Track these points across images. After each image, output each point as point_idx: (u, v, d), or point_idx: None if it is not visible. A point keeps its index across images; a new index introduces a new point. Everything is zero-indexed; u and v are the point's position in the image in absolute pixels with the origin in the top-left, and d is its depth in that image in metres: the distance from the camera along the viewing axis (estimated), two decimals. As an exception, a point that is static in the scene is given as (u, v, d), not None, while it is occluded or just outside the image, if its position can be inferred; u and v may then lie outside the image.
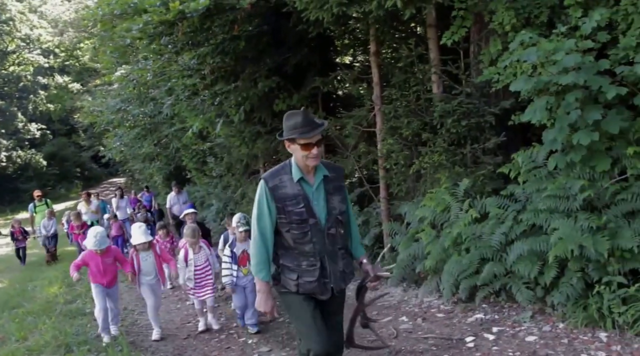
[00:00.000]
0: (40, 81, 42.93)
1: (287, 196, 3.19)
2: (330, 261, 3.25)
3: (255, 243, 3.26)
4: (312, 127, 3.11)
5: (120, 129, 20.34)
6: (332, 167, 3.39)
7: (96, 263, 6.05)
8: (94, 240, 5.95)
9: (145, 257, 6.18)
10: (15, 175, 38.73)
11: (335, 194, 3.30)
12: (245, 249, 5.78)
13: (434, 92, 7.09)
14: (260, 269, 3.26)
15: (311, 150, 3.11)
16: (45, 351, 5.86)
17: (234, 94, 9.20)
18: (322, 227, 3.23)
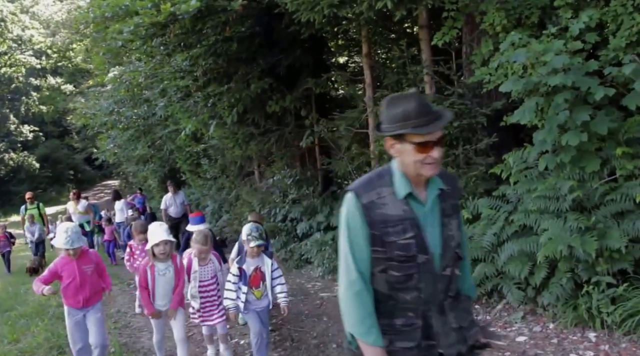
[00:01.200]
0: (32, 82, 42.79)
1: (389, 220, 2.13)
2: (439, 315, 2.22)
3: (352, 290, 2.16)
4: (433, 117, 2.09)
5: (114, 131, 20.30)
6: (447, 177, 2.30)
7: (71, 272, 4.62)
8: (64, 237, 4.51)
9: (163, 270, 4.73)
10: (7, 177, 38.55)
11: (452, 217, 2.26)
12: (259, 266, 4.70)
13: (426, 92, 7.11)
14: (367, 328, 2.13)
15: (430, 152, 2.09)
16: (37, 353, 5.85)
17: (227, 96, 9.20)
18: (435, 267, 2.18)
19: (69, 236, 4.53)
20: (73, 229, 4.62)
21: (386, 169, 2.24)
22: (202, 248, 4.93)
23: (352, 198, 2.17)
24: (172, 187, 12.61)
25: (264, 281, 4.71)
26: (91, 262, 4.77)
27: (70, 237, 4.53)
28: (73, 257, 4.61)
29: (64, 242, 4.53)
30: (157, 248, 4.61)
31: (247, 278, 4.66)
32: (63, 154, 44.17)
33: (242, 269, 4.66)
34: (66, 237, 4.52)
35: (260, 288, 4.73)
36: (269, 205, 10.51)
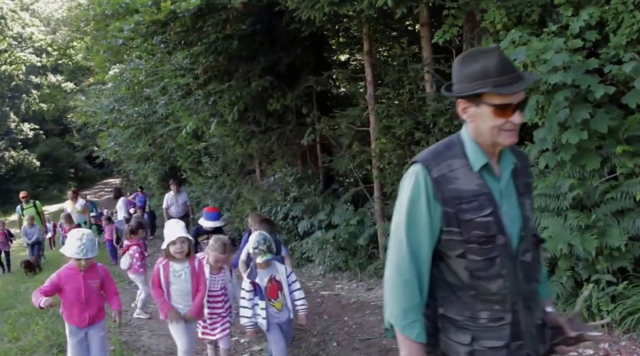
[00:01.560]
0: (32, 80, 42.75)
1: (463, 195, 1.86)
2: (525, 309, 1.91)
3: (399, 273, 1.87)
4: (515, 76, 1.82)
5: (115, 129, 20.31)
6: (517, 152, 2.05)
7: (76, 286, 4.10)
8: (77, 244, 4.00)
9: (179, 271, 4.32)
10: (7, 176, 38.54)
11: (526, 196, 1.99)
12: (273, 275, 4.23)
13: (426, 91, 7.12)
14: (409, 321, 1.86)
15: (510, 116, 1.81)
16: (37, 351, 5.86)
17: (228, 94, 9.20)
18: (513, 251, 1.89)
19: (83, 244, 3.98)
20: (88, 236, 4.07)
21: (455, 139, 1.95)
22: (220, 257, 4.55)
23: (420, 171, 1.87)
24: (174, 186, 12.37)
25: (281, 290, 4.23)
26: (98, 277, 4.24)
27: (85, 246, 3.98)
28: (83, 268, 4.08)
29: (77, 250, 3.97)
30: (173, 246, 4.22)
31: (263, 292, 4.16)
32: (64, 152, 44.18)
33: (255, 283, 4.15)
34: (80, 244, 3.98)
35: (279, 298, 4.23)
36: (270, 203, 10.52)
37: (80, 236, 4.05)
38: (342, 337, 5.50)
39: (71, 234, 4.15)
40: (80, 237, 4.04)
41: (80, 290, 4.10)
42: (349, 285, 7.69)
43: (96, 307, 4.23)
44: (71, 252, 4.01)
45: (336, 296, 7.24)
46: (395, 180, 7.38)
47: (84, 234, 4.08)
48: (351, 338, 5.42)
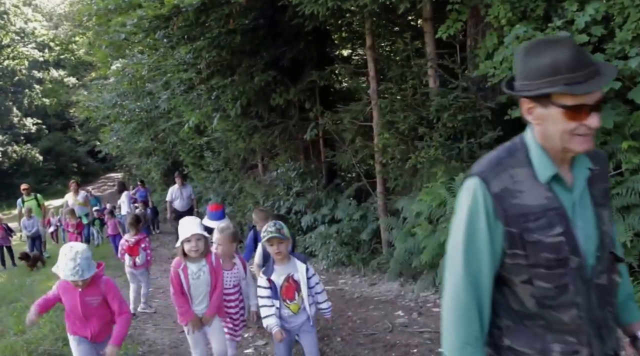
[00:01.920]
0: (35, 75, 42.84)
1: (529, 212, 1.60)
2: (597, 339, 1.67)
3: (457, 299, 1.65)
4: (591, 71, 1.54)
5: (117, 124, 20.33)
6: (593, 154, 1.75)
7: (72, 304, 3.74)
8: (72, 266, 3.53)
9: (196, 271, 4.00)
10: (11, 170, 38.63)
11: (604, 207, 1.71)
12: (291, 274, 3.77)
13: (430, 86, 7.10)
14: (467, 352, 1.63)
15: (585, 119, 1.57)
16: (43, 344, 5.85)
17: (231, 88, 9.19)
18: (588, 274, 1.64)
19: (78, 264, 3.52)
20: (83, 254, 3.57)
21: (518, 143, 1.68)
22: (227, 248, 4.41)
23: (478, 186, 1.62)
24: (179, 179, 12.30)
25: (299, 291, 3.78)
26: (99, 293, 3.74)
27: (80, 266, 3.52)
28: (80, 287, 3.66)
29: (72, 272, 3.52)
30: (187, 244, 3.88)
31: (278, 291, 3.74)
32: (66, 147, 44.29)
33: (271, 280, 3.74)
34: (74, 265, 3.51)
35: (295, 300, 3.78)
36: (273, 197, 10.52)
37: (74, 255, 3.53)
38: (346, 332, 5.50)
39: (63, 252, 3.59)
40: (74, 256, 3.53)
41: (76, 306, 3.72)
42: (352, 279, 7.70)
43: (98, 324, 3.81)
44: (65, 273, 3.54)
45: (340, 291, 7.24)
46: (398, 175, 7.37)
47: (77, 252, 3.56)
48: (355, 333, 5.42)
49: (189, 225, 3.98)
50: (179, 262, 3.99)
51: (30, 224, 12.37)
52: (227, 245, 4.43)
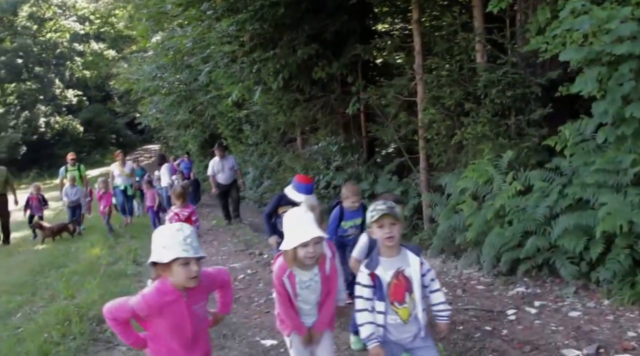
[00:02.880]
0: (76, 48, 43.55)
1: None
2: None
3: None
4: None
5: (156, 96, 20.55)
6: None
7: (175, 320, 2.64)
8: (181, 238, 2.56)
9: (306, 281, 3.14)
10: (53, 140, 39.62)
11: None
12: (401, 268, 2.91)
13: (477, 61, 6.95)
14: None
15: None
16: (93, 309, 5.99)
17: (272, 62, 9.17)
18: None
19: (187, 236, 2.57)
20: (191, 231, 2.64)
21: None
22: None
23: None
24: (218, 151, 11.52)
25: (410, 292, 2.92)
26: (206, 293, 2.81)
27: (192, 238, 2.59)
28: (193, 282, 2.58)
29: (183, 247, 2.53)
30: (303, 249, 2.95)
31: (384, 290, 2.91)
32: (105, 118, 45.11)
33: (376, 276, 2.91)
34: (183, 237, 2.56)
35: (405, 303, 2.93)
36: (312, 171, 10.53)
37: (180, 227, 2.62)
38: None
39: (160, 230, 2.67)
40: (180, 228, 2.61)
41: (183, 324, 2.65)
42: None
43: (205, 344, 2.87)
44: (173, 250, 2.51)
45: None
46: (442, 151, 7.28)
47: (184, 227, 2.64)
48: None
49: (305, 224, 3.01)
50: (284, 267, 3.09)
51: (73, 192, 12.26)
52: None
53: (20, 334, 5.52)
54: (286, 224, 3.07)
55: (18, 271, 8.87)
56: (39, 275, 8.33)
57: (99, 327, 5.53)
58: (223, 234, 10.90)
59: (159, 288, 2.60)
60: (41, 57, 41.42)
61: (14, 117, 38.80)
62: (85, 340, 5.18)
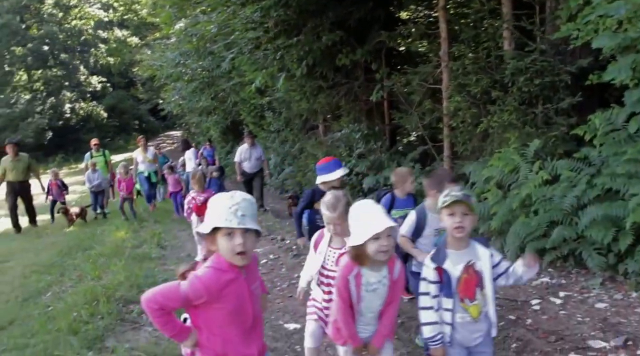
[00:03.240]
0: (100, 35, 43.90)
1: None
2: None
3: None
4: None
5: (179, 83, 20.63)
6: None
7: (238, 304, 2.28)
8: (229, 206, 2.21)
9: (374, 283, 2.75)
10: (78, 126, 40.10)
11: None
12: (472, 262, 2.68)
13: (505, 48, 6.85)
14: None
15: None
16: (119, 290, 6.12)
17: (296, 48, 9.14)
18: None
19: (237, 204, 2.19)
20: (244, 199, 2.24)
21: None
22: (330, 216, 3.12)
23: None
24: (248, 139, 11.19)
25: (481, 288, 2.69)
26: (257, 275, 2.52)
27: (242, 208, 2.20)
28: (238, 259, 2.22)
29: (229, 215, 2.17)
30: (374, 243, 2.57)
31: (452, 286, 2.67)
32: (129, 105, 45.49)
33: (443, 270, 2.67)
34: (232, 205, 2.19)
35: (476, 300, 2.68)
36: (334, 159, 10.52)
37: (232, 194, 2.26)
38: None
39: (213, 198, 2.31)
40: (231, 195, 2.25)
41: (245, 308, 2.31)
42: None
43: (261, 338, 2.47)
44: (219, 218, 2.17)
45: (402, 254, 7.21)
46: (467, 140, 7.21)
47: (236, 193, 2.27)
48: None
49: (375, 214, 2.65)
50: (351, 266, 2.73)
51: (95, 177, 12.16)
52: (327, 213, 3.15)
53: (50, 312, 5.67)
54: (353, 216, 2.70)
55: (46, 252, 9.05)
56: (66, 257, 8.49)
57: (125, 308, 5.65)
58: (245, 220, 10.94)
59: (215, 266, 2.22)
60: (66, 44, 41.83)
61: (41, 103, 39.33)
62: (113, 319, 5.28)
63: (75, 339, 4.76)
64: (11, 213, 11.59)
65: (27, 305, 6.10)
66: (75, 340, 4.75)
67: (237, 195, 2.26)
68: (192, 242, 9.07)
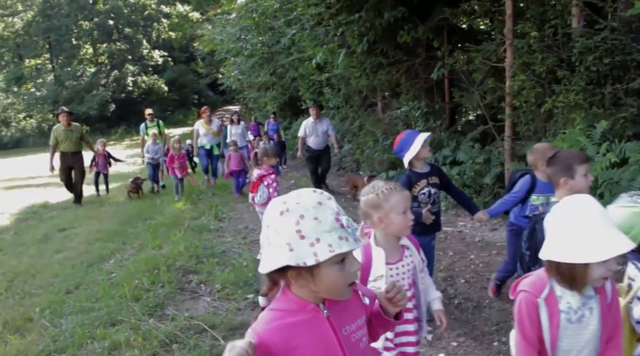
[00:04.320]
0: (163, 10, 44.80)
1: None
2: None
3: None
4: None
5: (239, 58, 20.89)
6: None
7: (318, 347, 1.50)
8: (330, 219, 1.46)
9: (578, 308, 1.96)
10: (139, 99, 41.34)
11: None
12: None
13: (573, 26, 6.63)
14: None
15: None
16: (179, 260, 6.37)
17: (358, 24, 9.10)
18: None
19: (337, 210, 1.52)
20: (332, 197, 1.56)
21: None
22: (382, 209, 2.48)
23: None
24: (314, 110, 10.16)
25: None
26: (362, 311, 1.70)
27: (343, 213, 1.53)
28: (347, 292, 1.56)
29: (342, 233, 1.46)
30: (600, 268, 1.86)
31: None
32: (189, 79, 46.48)
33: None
34: (334, 212, 1.50)
35: None
36: (393, 136, 10.49)
37: (318, 196, 1.52)
38: (470, 274, 5.50)
39: (282, 204, 1.50)
40: (318, 197, 1.52)
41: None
42: (472, 223, 7.61)
43: None
44: (323, 239, 1.44)
45: (459, 233, 7.22)
46: (530, 120, 7.07)
47: (321, 194, 1.54)
48: (479, 277, 5.41)
49: (607, 226, 1.88)
50: (542, 285, 1.98)
51: (155, 150, 11.91)
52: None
53: (113, 279, 5.93)
54: (570, 219, 1.90)
55: (109, 221, 9.37)
56: (127, 226, 8.78)
57: (185, 277, 5.87)
58: (300, 195, 11.04)
59: (280, 308, 1.55)
60: (130, 18, 43.01)
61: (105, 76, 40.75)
62: (173, 288, 5.48)
63: (137, 305, 4.98)
64: (68, 189, 11.44)
65: (92, 271, 6.34)
66: (137, 306, 4.96)
67: (324, 195, 1.52)
68: (249, 213, 9.32)
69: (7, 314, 5.09)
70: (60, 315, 4.97)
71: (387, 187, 2.49)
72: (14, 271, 6.59)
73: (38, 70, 42.31)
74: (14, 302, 5.44)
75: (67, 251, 7.47)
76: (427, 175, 4.15)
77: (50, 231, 8.96)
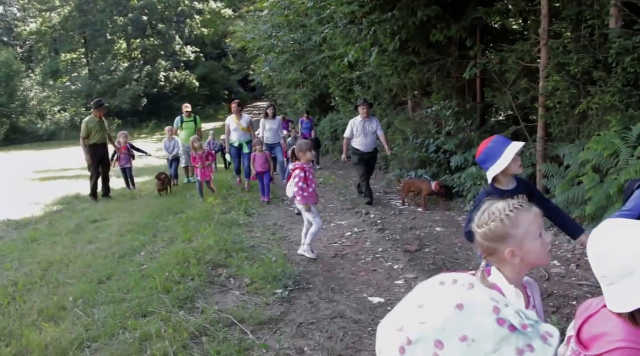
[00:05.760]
0: (196, 6, 45.31)
1: None
2: None
3: None
4: None
5: (270, 55, 21.02)
6: None
7: None
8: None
9: None
10: (171, 94, 41.94)
11: None
12: None
13: (611, 26, 6.51)
14: None
15: None
16: (209, 254, 6.44)
17: (390, 23, 9.08)
18: None
19: None
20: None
21: None
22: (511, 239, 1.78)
23: None
24: (364, 109, 9.23)
25: None
26: None
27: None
28: None
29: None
30: None
31: None
32: (220, 75, 46.97)
33: None
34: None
35: None
36: (423, 135, 10.47)
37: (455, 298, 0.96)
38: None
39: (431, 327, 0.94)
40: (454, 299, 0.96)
41: None
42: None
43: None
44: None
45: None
46: (564, 121, 6.98)
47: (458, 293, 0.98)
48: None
49: None
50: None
51: (171, 146, 11.84)
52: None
53: (144, 271, 6.02)
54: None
55: (140, 213, 9.51)
56: (158, 219, 8.89)
57: (215, 271, 5.93)
58: (329, 192, 11.13)
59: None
60: (164, 14, 43.62)
61: (138, 71, 41.41)
62: (203, 282, 5.54)
63: (167, 298, 5.04)
64: (95, 187, 11.27)
65: (124, 262, 6.44)
66: (168, 298, 5.02)
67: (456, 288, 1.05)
68: (278, 210, 9.39)
69: (42, 302, 5.20)
70: (93, 304, 5.07)
71: (511, 207, 1.79)
72: (48, 260, 6.73)
73: (73, 64, 43.26)
74: (48, 291, 5.56)
75: (100, 242, 7.60)
76: (513, 194, 3.19)
77: (83, 222, 9.12)
